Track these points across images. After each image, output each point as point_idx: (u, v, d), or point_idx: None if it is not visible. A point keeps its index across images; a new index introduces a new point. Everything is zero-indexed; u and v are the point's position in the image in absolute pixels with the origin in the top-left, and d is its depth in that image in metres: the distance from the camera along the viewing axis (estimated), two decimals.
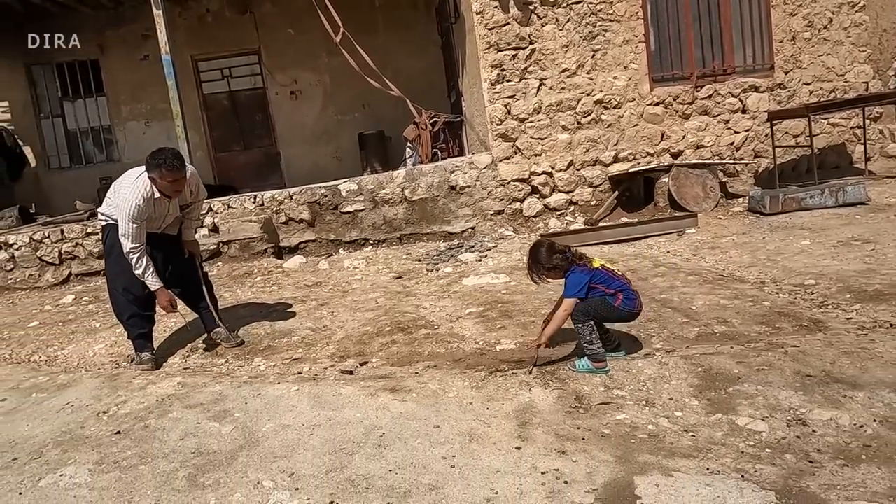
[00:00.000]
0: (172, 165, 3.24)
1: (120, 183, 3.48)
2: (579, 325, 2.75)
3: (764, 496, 1.74)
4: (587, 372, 2.73)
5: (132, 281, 3.45)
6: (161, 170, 3.24)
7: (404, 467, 2.12)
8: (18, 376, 3.66)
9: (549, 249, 2.82)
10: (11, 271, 6.67)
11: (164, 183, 3.27)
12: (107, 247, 3.58)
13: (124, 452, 2.45)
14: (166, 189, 3.31)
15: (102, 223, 3.60)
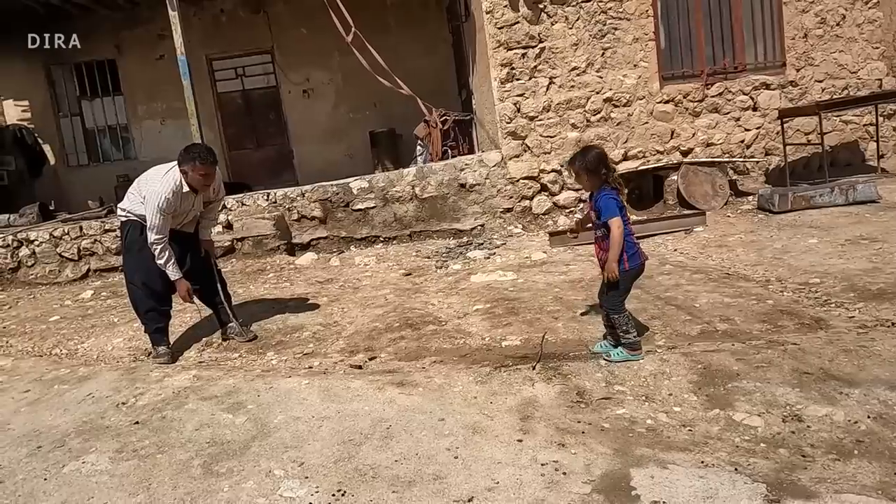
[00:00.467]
0: (206, 159, 3.41)
1: (145, 178, 3.57)
2: (616, 315, 2.85)
3: (755, 488, 1.80)
4: (623, 360, 2.80)
5: (151, 276, 3.57)
6: (195, 163, 3.38)
7: (409, 458, 2.20)
8: (41, 368, 3.79)
9: (601, 158, 2.84)
10: (32, 267, 6.85)
11: (195, 176, 3.40)
12: (127, 243, 3.67)
13: (143, 441, 2.56)
14: (196, 183, 3.43)
15: (122, 219, 3.69)
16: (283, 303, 4.62)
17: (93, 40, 9.47)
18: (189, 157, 3.42)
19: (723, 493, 1.80)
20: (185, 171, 3.42)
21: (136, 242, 3.57)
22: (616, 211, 2.76)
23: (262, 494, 2.08)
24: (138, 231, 3.56)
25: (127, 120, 9.88)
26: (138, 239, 3.56)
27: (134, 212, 3.58)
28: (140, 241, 3.55)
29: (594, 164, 2.81)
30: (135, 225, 3.56)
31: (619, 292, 2.87)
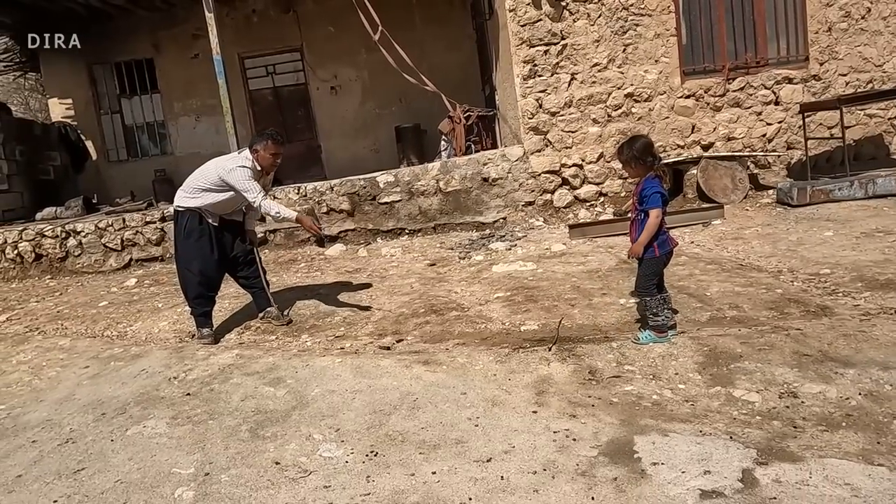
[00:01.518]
0: (277, 139, 3.76)
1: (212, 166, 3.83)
2: (647, 297, 3.03)
3: (746, 453, 1.99)
4: (650, 342, 2.98)
5: (207, 264, 3.88)
6: (268, 142, 3.71)
7: (434, 426, 2.44)
8: (96, 348, 4.14)
9: (648, 146, 2.99)
10: (79, 256, 7.27)
11: (266, 155, 3.72)
12: (187, 231, 3.89)
13: (195, 410, 2.85)
14: (266, 161, 3.74)
15: (180, 210, 3.93)
16: (314, 290, 4.91)
17: (132, 40, 9.92)
18: (262, 137, 3.76)
19: (716, 457, 1.99)
20: (256, 151, 3.73)
21: (195, 230, 3.85)
22: (659, 203, 2.94)
23: (304, 454, 2.33)
24: (197, 220, 3.85)
25: (163, 117, 10.30)
26: (197, 227, 3.84)
27: (191, 206, 3.85)
28: (199, 230, 3.84)
29: (641, 153, 2.97)
30: (193, 215, 3.85)
31: (650, 276, 3.05)
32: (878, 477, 1.80)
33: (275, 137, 3.76)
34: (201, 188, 3.83)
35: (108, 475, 2.35)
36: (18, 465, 2.53)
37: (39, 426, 2.91)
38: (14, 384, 3.59)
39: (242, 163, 3.70)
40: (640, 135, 3.20)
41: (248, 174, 3.68)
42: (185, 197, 3.91)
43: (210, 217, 3.90)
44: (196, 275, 3.93)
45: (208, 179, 3.80)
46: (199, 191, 3.84)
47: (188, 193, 3.90)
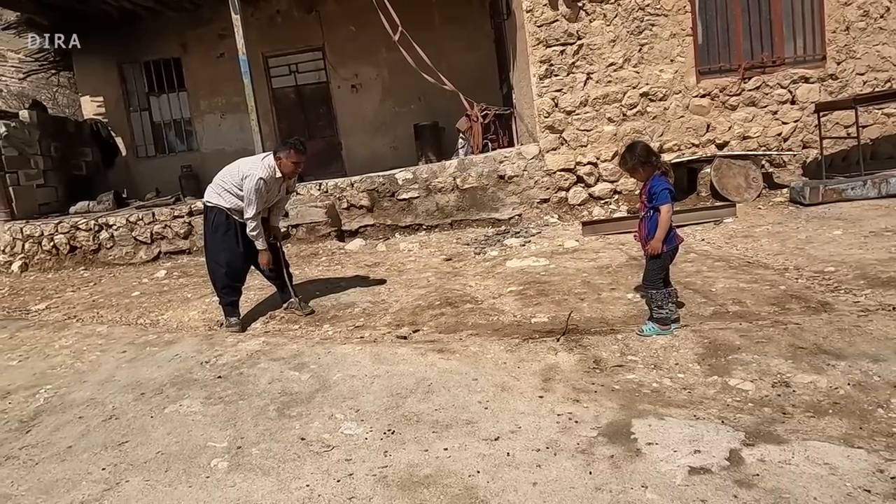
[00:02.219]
0: (300, 149, 4.05)
1: (237, 167, 4.07)
2: (653, 290, 3.18)
3: (735, 435, 2.15)
4: (653, 334, 3.13)
5: (234, 257, 4.14)
6: (290, 150, 4.00)
7: (447, 408, 2.63)
8: (132, 334, 4.40)
9: (648, 149, 3.19)
10: (111, 248, 7.60)
11: (288, 162, 3.99)
12: (214, 225, 4.16)
13: (226, 391, 3.08)
14: (288, 168, 4.02)
15: (209, 205, 4.17)
16: (335, 283, 5.12)
17: (160, 40, 10.25)
18: (286, 146, 4.05)
19: (707, 438, 2.15)
20: (279, 158, 3.99)
21: (222, 225, 4.11)
22: (668, 199, 3.09)
23: (327, 432, 2.54)
24: (224, 216, 4.10)
25: (190, 114, 10.62)
26: (224, 222, 4.10)
27: (221, 204, 4.09)
28: (225, 225, 4.09)
29: (644, 156, 3.15)
30: (220, 211, 4.10)
31: (657, 270, 3.21)
32: (856, 458, 1.95)
33: (297, 147, 4.03)
34: (224, 188, 4.08)
35: (150, 447, 2.58)
36: (68, 438, 2.78)
37: (84, 404, 3.17)
38: (58, 367, 3.86)
39: (260, 174, 3.91)
40: (636, 141, 3.36)
41: (260, 186, 3.89)
42: (213, 194, 4.15)
43: (236, 214, 4.13)
44: (223, 266, 4.17)
45: (232, 180, 4.04)
46: (223, 190, 4.09)
47: (216, 191, 4.14)
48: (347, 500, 2.02)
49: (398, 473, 2.16)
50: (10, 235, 7.72)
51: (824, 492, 1.79)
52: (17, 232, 7.67)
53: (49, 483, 2.39)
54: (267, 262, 4.15)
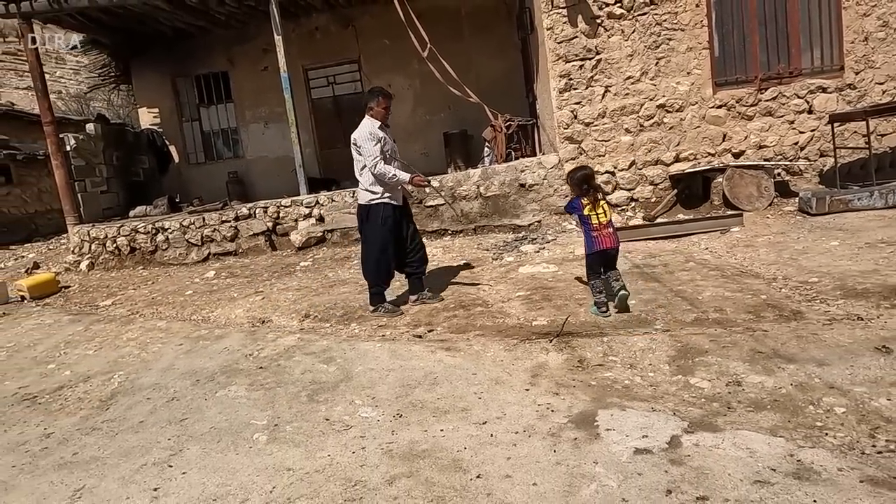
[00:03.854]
0: (386, 93, 4.58)
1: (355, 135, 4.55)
2: (590, 280, 4.17)
3: (680, 424, 2.56)
4: (592, 313, 4.06)
5: (392, 249, 4.61)
6: (379, 98, 4.51)
7: (447, 397, 3.12)
8: (187, 329, 5.05)
9: (582, 178, 4.20)
10: (166, 250, 8.38)
11: (379, 109, 4.52)
12: (381, 218, 4.56)
13: (266, 379, 3.65)
14: (381, 115, 4.53)
15: (374, 202, 4.57)
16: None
17: (210, 55, 11.05)
18: (374, 95, 4.56)
19: (656, 426, 2.57)
20: (371, 108, 4.53)
21: (390, 217, 4.55)
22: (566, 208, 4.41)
23: (347, 414, 3.07)
24: (390, 210, 4.56)
25: (236, 123, 11.40)
26: (392, 214, 4.56)
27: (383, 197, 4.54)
28: (392, 217, 4.55)
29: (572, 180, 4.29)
30: (385, 205, 4.55)
31: (587, 267, 4.25)
32: (775, 445, 2.34)
33: (383, 93, 4.55)
34: (366, 180, 4.52)
35: (205, 423, 3.17)
36: (139, 414, 3.40)
37: (150, 388, 3.80)
38: (127, 356, 4.53)
39: (369, 129, 4.43)
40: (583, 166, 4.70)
41: (376, 133, 4.40)
42: (367, 193, 4.57)
43: (395, 199, 4.58)
44: (382, 258, 4.60)
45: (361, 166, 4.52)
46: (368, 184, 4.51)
47: (364, 188, 4.58)
48: (359, 467, 2.54)
49: (401, 448, 2.66)
50: (79, 237, 8.59)
51: (738, 470, 2.20)
52: (85, 234, 8.53)
53: (127, 448, 3.00)
54: (421, 179, 4.64)
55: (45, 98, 8.58)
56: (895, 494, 1.97)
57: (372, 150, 4.44)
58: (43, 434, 3.33)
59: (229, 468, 2.67)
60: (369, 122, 4.55)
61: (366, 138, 4.46)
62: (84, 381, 4.08)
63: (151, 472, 2.73)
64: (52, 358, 4.74)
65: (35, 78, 8.47)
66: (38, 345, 5.18)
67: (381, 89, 4.60)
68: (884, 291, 3.78)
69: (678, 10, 7.28)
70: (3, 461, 3.05)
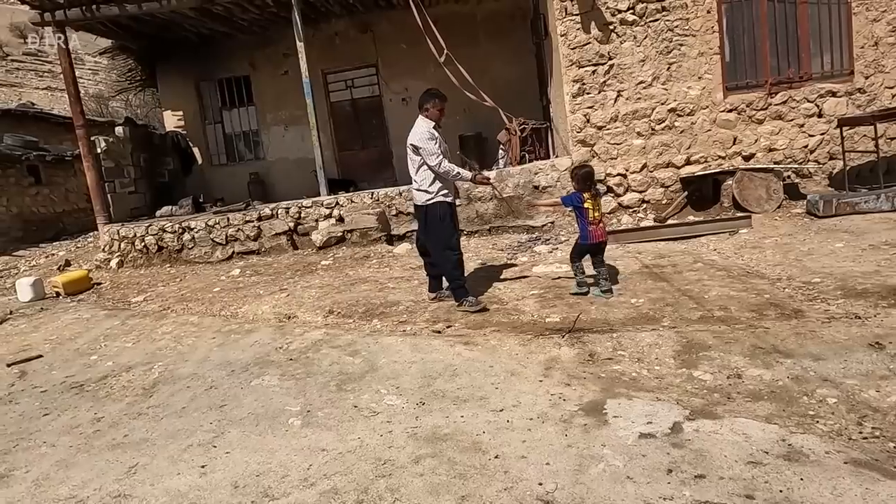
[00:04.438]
0: (442, 96, 4.70)
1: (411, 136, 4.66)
2: (574, 264, 4.79)
3: (682, 412, 2.78)
4: (573, 293, 4.74)
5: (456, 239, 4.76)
6: (435, 100, 4.63)
7: (466, 387, 3.36)
8: (218, 324, 5.34)
9: (586, 175, 4.66)
10: (192, 249, 8.70)
11: (435, 111, 4.63)
12: (439, 217, 4.68)
13: (297, 370, 3.92)
14: (435, 116, 4.64)
15: (431, 202, 4.66)
16: (383, 284, 5.93)
17: (232, 60, 11.38)
18: (429, 97, 4.67)
19: (660, 414, 2.79)
20: (427, 109, 4.64)
21: (447, 214, 4.67)
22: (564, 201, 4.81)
23: (373, 402, 3.32)
24: (446, 207, 4.68)
25: (257, 126, 11.73)
26: (448, 211, 4.68)
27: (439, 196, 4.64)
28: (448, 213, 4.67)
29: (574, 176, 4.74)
30: (440, 203, 4.65)
31: (573, 251, 4.83)
32: (769, 431, 2.56)
33: (440, 95, 4.67)
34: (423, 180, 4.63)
35: (242, 409, 3.44)
36: (181, 401, 3.68)
37: (189, 377, 4.08)
38: (164, 348, 4.83)
39: (427, 129, 4.53)
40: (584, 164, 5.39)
41: (434, 134, 4.52)
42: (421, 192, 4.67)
43: (450, 195, 4.67)
44: (457, 250, 4.71)
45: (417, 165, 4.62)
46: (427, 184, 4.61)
47: (419, 188, 4.68)
48: (387, 448, 2.79)
49: (425, 432, 2.91)
50: (109, 236, 8.95)
51: (733, 452, 2.42)
52: (115, 233, 8.89)
53: (173, 431, 3.28)
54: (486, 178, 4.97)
55: (78, 102, 8.95)
56: (875, 474, 2.18)
57: (434, 149, 4.53)
58: (94, 418, 3.62)
59: (268, 449, 2.93)
60: (425, 122, 4.63)
61: (425, 139, 4.54)
62: (126, 371, 4.38)
63: (197, 451, 3.00)
64: (93, 350, 5.05)
65: (68, 84, 8.83)
66: (78, 338, 5.50)
67: (438, 92, 4.68)
68: (882, 291, 3.96)
69: (689, 16, 7.46)
70: (61, 441, 3.34)
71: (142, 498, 2.62)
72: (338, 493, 2.45)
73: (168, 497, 2.59)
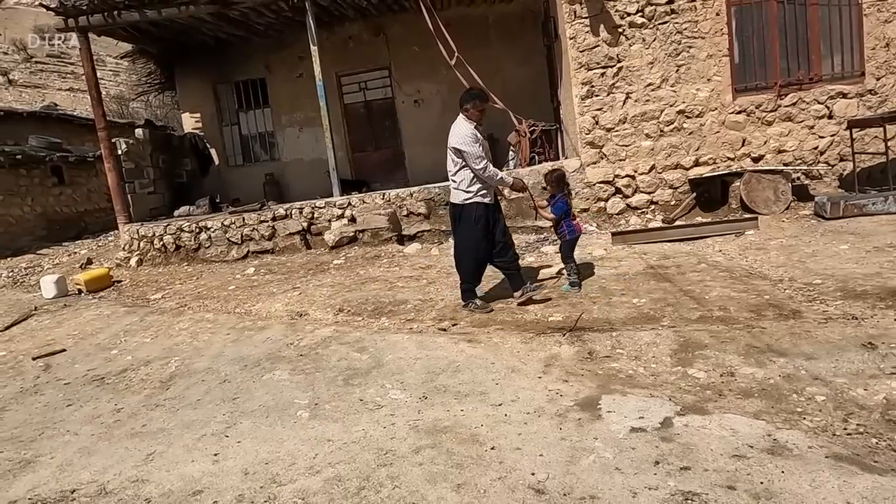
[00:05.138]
0: (483, 97, 4.64)
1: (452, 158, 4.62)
2: (568, 264, 5.04)
3: (673, 408, 2.88)
4: (567, 291, 4.95)
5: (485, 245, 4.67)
6: (476, 100, 4.57)
7: (468, 383, 3.48)
8: (232, 321, 5.52)
9: (561, 176, 5.05)
10: (209, 248, 8.93)
11: (475, 111, 4.54)
12: (475, 218, 4.63)
13: (306, 365, 4.07)
14: (476, 116, 4.55)
15: (467, 202, 4.63)
16: (393, 283, 6.07)
17: (248, 63, 11.63)
18: (470, 97, 4.60)
19: (652, 409, 2.89)
20: (467, 109, 4.56)
21: (482, 216, 4.61)
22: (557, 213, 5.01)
23: (378, 396, 3.46)
24: (482, 209, 4.62)
25: (273, 127, 11.96)
26: (485, 213, 4.62)
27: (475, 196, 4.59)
28: (484, 216, 4.61)
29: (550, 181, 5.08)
30: (478, 204, 4.61)
31: (569, 253, 5.04)
32: (756, 426, 2.64)
33: (481, 96, 4.60)
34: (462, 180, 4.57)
35: (254, 402, 3.60)
36: (197, 394, 3.85)
37: (204, 371, 4.25)
38: (180, 344, 5.02)
39: (469, 131, 4.45)
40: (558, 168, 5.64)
41: (476, 136, 4.45)
42: (460, 192, 4.62)
43: (488, 196, 4.62)
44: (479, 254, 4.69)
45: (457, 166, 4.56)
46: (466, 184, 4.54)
47: (457, 188, 4.63)
48: (389, 439, 2.92)
49: (426, 424, 3.04)
50: (129, 235, 9.21)
51: (720, 446, 2.51)
52: (135, 233, 9.15)
53: (188, 422, 3.44)
54: (522, 185, 4.91)
55: (100, 105, 9.22)
56: (854, 468, 2.26)
57: (477, 151, 4.49)
58: (114, 409, 3.80)
59: (277, 439, 3.08)
60: (466, 124, 4.55)
61: (468, 141, 4.48)
62: (144, 365, 4.57)
63: (210, 441, 3.17)
64: (113, 345, 5.26)
65: (90, 87, 9.11)
66: (99, 333, 5.72)
67: (479, 92, 4.65)
68: (881, 293, 4.01)
69: (698, 18, 7.50)
70: (83, 430, 3.53)
71: (158, 482, 2.78)
72: (341, 480, 2.59)
73: (183, 482, 2.75)
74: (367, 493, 2.45)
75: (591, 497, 2.26)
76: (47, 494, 2.83)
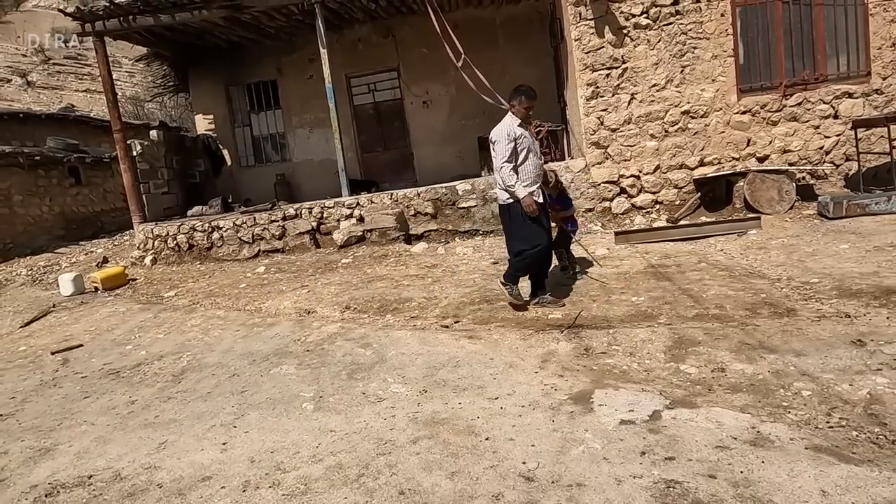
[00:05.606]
0: (531, 94, 4.54)
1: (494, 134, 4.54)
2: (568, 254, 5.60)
3: (662, 401, 2.98)
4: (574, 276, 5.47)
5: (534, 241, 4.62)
6: (522, 97, 4.49)
7: (467, 377, 3.60)
8: (243, 318, 5.69)
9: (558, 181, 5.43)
10: (221, 247, 9.11)
11: (521, 108, 4.48)
12: (512, 215, 4.63)
13: (312, 360, 4.21)
14: (521, 114, 4.48)
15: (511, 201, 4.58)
16: (399, 281, 6.20)
17: (260, 65, 11.81)
18: (518, 93, 4.53)
19: (642, 403, 2.99)
20: (513, 105, 4.52)
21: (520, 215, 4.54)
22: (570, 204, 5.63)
23: (381, 389, 3.59)
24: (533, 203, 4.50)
25: (284, 129, 12.14)
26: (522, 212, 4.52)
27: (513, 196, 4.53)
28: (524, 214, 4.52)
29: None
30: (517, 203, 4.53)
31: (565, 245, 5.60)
32: (741, 419, 2.74)
33: (528, 93, 4.50)
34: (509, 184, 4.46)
35: (262, 395, 3.74)
36: (207, 387, 4.01)
37: (214, 366, 4.41)
38: (192, 339, 5.18)
39: (508, 127, 4.43)
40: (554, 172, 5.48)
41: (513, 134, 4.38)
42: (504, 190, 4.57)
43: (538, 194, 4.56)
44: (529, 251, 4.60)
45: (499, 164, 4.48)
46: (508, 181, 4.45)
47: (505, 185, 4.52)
48: (389, 430, 3.05)
49: (425, 416, 3.16)
50: (143, 235, 9.43)
51: (704, 438, 2.61)
52: (149, 232, 9.36)
53: (199, 413, 3.60)
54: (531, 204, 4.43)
55: (116, 108, 9.45)
56: (832, 459, 2.35)
57: (503, 150, 4.41)
58: (128, 401, 3.97)
59: (283, 429, 3.22)
60: (510, 119, 4.51)
61: (502, 137, 4.41)
62: (158, 360, 4.74)
63: (219, 431, 3.32)
64: (128, 340, 5.44)
65: (107, 91, 9.34)
66: (115, 329, 5.91)
67: (527, 89, 4.52)
68: (876, 292, 4.07)
69: (703, 19, 7.55)
70: (99, 421, 3.70)
71: (169, 469, 2.93)
72: (342, 467, 2.72)
73: (192, 469, 2.90)
74: (365, 480, 2.58)
75: (578, 484, 2.37)
76: (66, 479, 2.99)
